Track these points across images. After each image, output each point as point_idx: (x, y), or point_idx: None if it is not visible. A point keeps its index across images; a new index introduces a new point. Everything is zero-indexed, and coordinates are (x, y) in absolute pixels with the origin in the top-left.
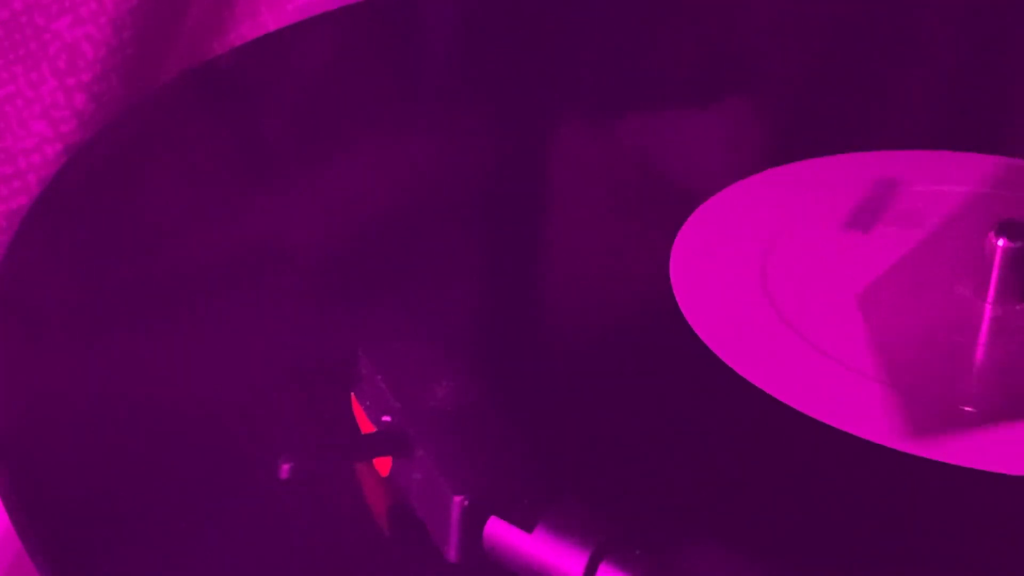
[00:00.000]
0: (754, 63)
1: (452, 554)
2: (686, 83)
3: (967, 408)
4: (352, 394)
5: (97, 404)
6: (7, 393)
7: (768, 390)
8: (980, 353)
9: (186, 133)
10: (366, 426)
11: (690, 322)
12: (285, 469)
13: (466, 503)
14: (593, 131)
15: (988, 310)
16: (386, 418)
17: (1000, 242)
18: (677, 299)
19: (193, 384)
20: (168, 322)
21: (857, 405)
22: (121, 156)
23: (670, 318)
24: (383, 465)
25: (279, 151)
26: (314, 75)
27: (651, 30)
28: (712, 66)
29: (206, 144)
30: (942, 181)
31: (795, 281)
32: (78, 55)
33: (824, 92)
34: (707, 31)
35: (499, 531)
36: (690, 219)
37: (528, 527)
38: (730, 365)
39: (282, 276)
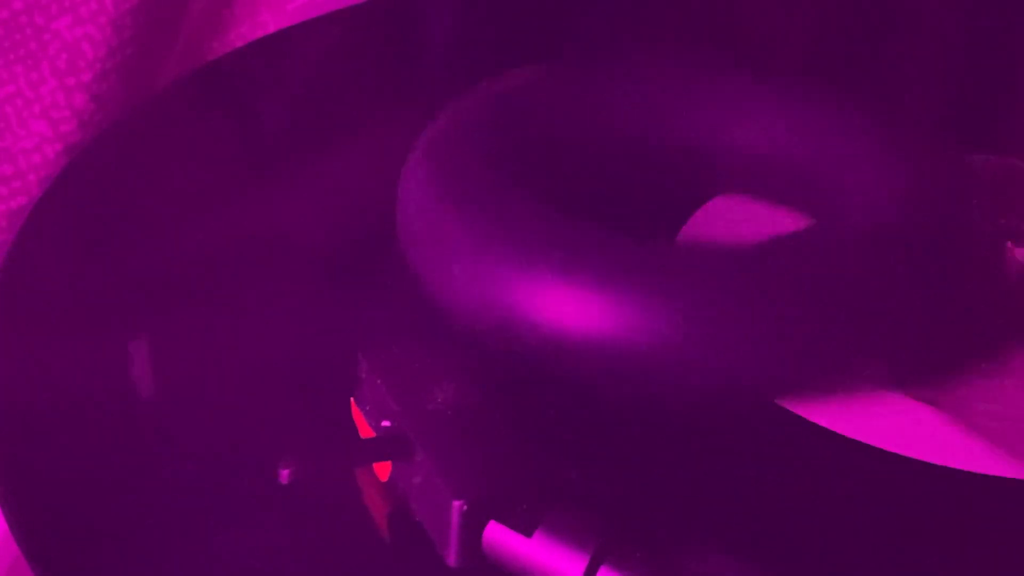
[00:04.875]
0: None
1: (452, 558)
2: None
3: (968, 410)
4: (352, 399)
5: (96, 406)
6: (6, 394)
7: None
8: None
9: (186, 133)
10: (365, 431)
11: None
12: (285, 474)
13: (465, 507)
14: None
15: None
16: (386, 423)
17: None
18: None
19: (192, 388)
20: (167, 325)
21: (855, 407)
22: (122, 156)
23: None
24: (383, 470)
25: (279, 152)
26: (314, 76)
27: (649, 30)
28: None
29: (206, 144)
30: None
31: None
32: (78, 55)
33: None
34: (706, 31)
35: (498, 535)
36: (689, 220)
37: (527, 531)
38: None
39: (281, 279)
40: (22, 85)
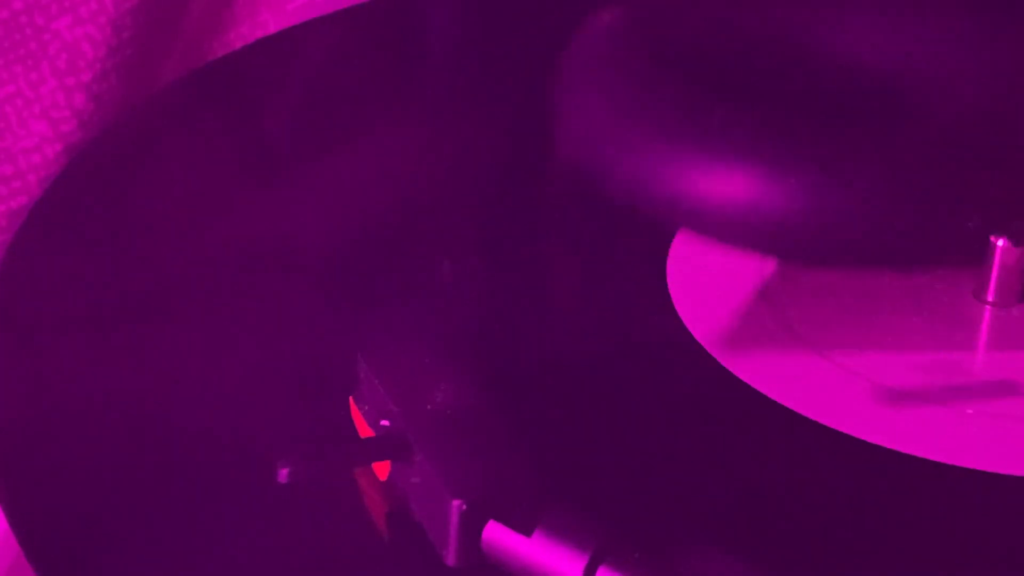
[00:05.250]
0: None
1: (451, 558)
2: None
3: (967, 409)
4: (351, 398)
5: (96, 407)
6: (6, 395)
7: (766, 391)
8: (980, 353)
9: (186, 133)
10: (365, 430)
11: (687, 324)
12: (283, 473)
13: (464, 507)
14: None
15: (988, 310)
16: (385, 422)
17: (1000, 242)
18: (674, 301)
19: (192, 388)
20: (167, 325)
21: (856, 406)
22: (121, 156)
23: (667, 320)
24: (382, 469)
25: (279, 153)
26: (314, 76)
27: None
28: None
29: (206, 145)
30: None
31: (793, 281)
32: (78, 55)
33: None
34: None
35: (498, 535)
36: None
37: (527, 531)
38: (727, 367)
39: (281, 280)
40: (22, 85)
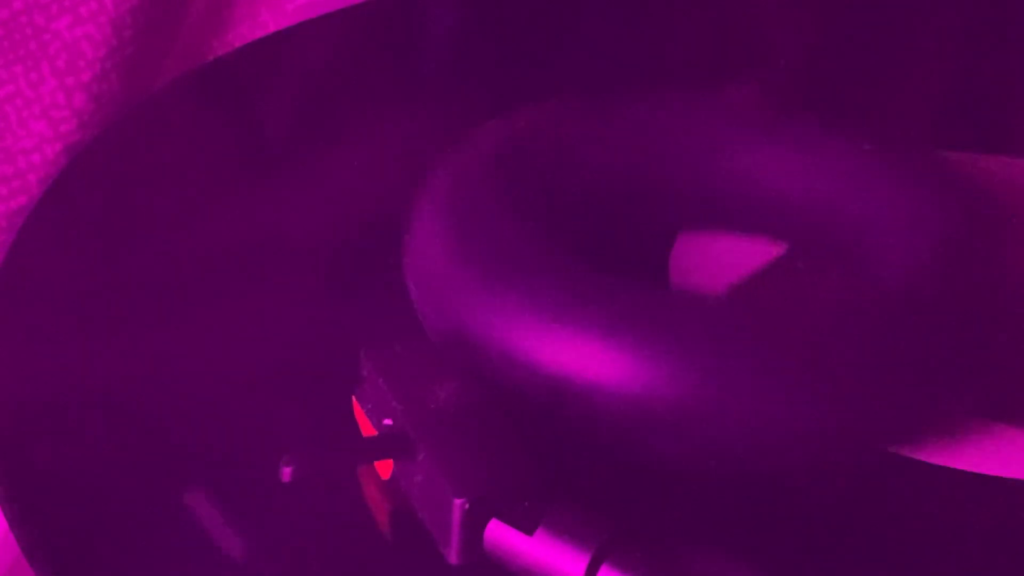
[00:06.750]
0: (757, 61)
1: (453, 556)
2: (687, 80)
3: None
4: (353, 396)
5: (97, 405)
6: (7, 393)
7: None
8: None
9: (186, 133)
10: (368, 429)
11: None
12: (287, 472)
13: (467, 505)
14: None
15: None
16: (387, 421)
17: None
18: None
19: (193, 387)
20: (168, 324)
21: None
22: (121, 156)
23: None
24: (385, 468)
25: (279, 151)
26: (314, 75)
27: (652, 27)
28: (714, 64)
29: (206, 144)
30: None
31: None
32: (78, 55)
33: (828, 90)
34: (709, 27)
35: (500, 533)
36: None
37: (529, 529)
38: None
39: (283, 278)
40: (22, 85)
